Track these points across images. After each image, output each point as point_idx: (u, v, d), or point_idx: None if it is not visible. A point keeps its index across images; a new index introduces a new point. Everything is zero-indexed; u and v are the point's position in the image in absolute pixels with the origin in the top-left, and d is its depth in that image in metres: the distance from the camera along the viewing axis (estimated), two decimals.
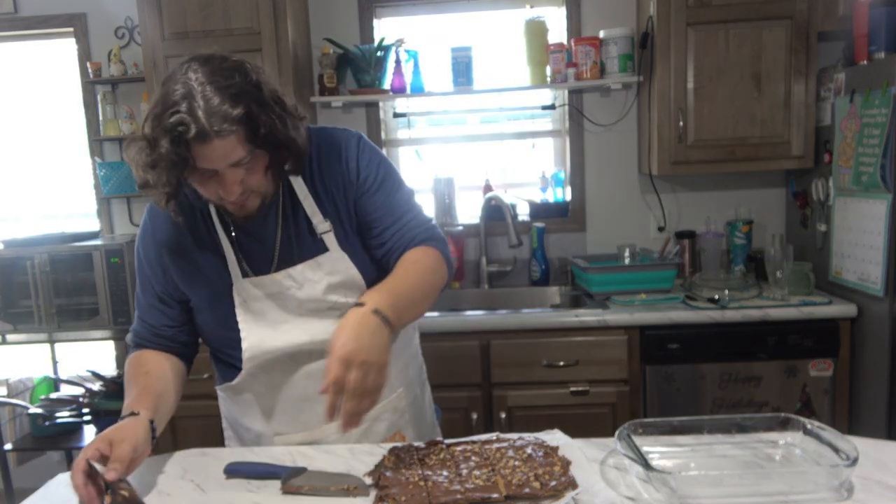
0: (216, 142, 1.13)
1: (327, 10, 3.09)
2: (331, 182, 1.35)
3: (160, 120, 1.13)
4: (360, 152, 1.38)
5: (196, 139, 1.11)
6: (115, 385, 2.90)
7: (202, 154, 1.14)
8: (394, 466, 1.19)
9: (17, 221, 3.42)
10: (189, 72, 1.15)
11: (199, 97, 1.12)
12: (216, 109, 1.11)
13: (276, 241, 1.34)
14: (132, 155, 1.20)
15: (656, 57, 2.72)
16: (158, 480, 1.25)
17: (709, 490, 1.08)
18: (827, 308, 2.47)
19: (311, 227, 1.34)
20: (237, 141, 1.15)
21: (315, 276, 1.33)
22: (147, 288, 1.39)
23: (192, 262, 1.35)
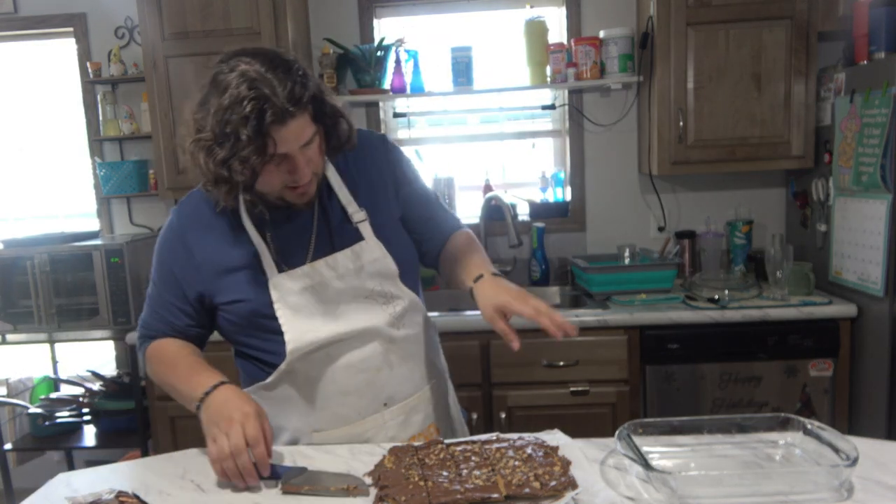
0: (291, 123, 1.17)
1: (327, 10, 3.09)
2: (364, 174, 1.42)
3: (233, 111, 1.14)
4: (393, 150, 1.48)
5: (274, 122, 1.15)
6: (115, 385, 2.91)
7: (281, 137, 1.17)
8: (394, 466, 1.19)
9: (17, 221, 3.42)
10: (241, 65, 1.18)
11: (267, 84, 1.15)
12: (288, 92, 1.16)
13: (313, 232, 1.37)
14: (202, 159, 1.20)
15: (656, 57, 2.72)
16: (158, 480, 1.25)
17: (709, 490, 1.08)
18: (827, 308, 2.47)
19: (347, 216, 1.38)
20: (307, 118, 1.21)
21: (353, 264, 1.36)
22: (171, 289, 1.39)
23: (225, 262, 1.36)
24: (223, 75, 1.18)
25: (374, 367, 1.38)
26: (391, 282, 1.39)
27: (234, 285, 1.35)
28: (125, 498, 1.11)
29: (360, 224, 1.37)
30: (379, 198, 1.42)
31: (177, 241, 1.39)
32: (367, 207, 1.39)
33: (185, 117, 1.25)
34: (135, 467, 1.34)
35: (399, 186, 1.45)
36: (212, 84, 1.20)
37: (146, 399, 2.74)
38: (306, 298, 1.34)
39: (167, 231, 1.42)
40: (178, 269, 1.38)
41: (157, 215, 3.24)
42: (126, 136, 3.08)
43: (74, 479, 1.28)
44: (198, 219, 1.38)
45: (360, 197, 1.40)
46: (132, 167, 3.06)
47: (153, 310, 1.43)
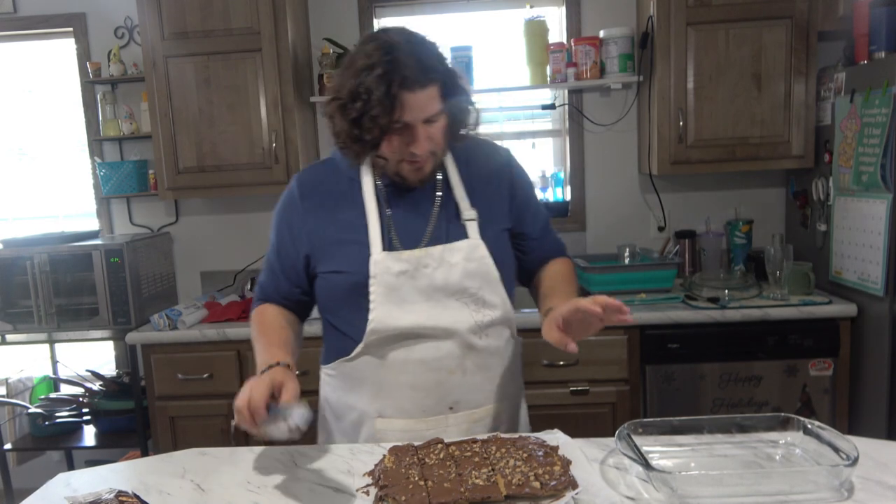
0: (420, 92, 1.23)
1: (327, 10, 3.09)
2: (482, 179, 1.45)
3: (368, 73, 1.22)
4: (516, 166, 1.52)
5: (403, 87, 1.21)
6: (115, 385, 2.91)
7: (408, 103, 1.23)
8: (394, 466, 1.19)
9: (17, 221, 3.42)
10: (382, 36, 1.26)
11: (405, 52, 1.23)
12: (421, 62, 1.23)
13: (431, 218, 1.40)
14: (337, 117, 1.29)
15: (656, 57, 2.72)
16: (158, 480, 1.25)
17: (709, 490, 1.08)
18: (827, 308, 2.47)
19: (458, 212, 1.41)
20: (436, 94, 1.27)
21: (453, 259, 1.37)
22: (286, 256, 1.45)
23: (335, 231, 1.40)
24: (363, 44, 1.27)
25: (448, 368, 1.38)
26: (489, 287, 1.40)
27: (338, 255, 1.39)
28: (125, 498, 1.11)
29: (468, 222, 1.40)
30: (493, 204, 1.45)
31: (293, 206, 1.44)
32: (478, 209, 1.41)
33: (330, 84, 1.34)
34: (135, 467, 1.34)
35: (514, 201, 1.48)
36: (353, 53, 1.29)
37: (146, 399, 2.74)
38: (401, 282, 1.35)
39: (286, 196, 1.47)
40: (290, 234, 1.43)
41: (156, 215, 3.24)
42: (126, 136, 3.08)
43: (74, 479, 1.28)
44: (316, 187, 1.44)
45: (475, 199, 1.42)
46: (132, 167, 3.06)
47: (266, 273, 1.50)
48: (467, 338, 1.38)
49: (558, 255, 1.57)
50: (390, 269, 1.34)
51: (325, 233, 1.40)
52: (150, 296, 2.94)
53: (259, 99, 2.78)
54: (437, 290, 1.36)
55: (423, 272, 1.35)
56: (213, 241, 3.24)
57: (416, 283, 1.35)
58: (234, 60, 2.76)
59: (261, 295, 1.50)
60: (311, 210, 1.42)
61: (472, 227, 1.39)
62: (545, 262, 1.54)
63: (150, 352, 2.67)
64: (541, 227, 1.55)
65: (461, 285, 1.37)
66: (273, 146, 2.79)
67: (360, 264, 1.35)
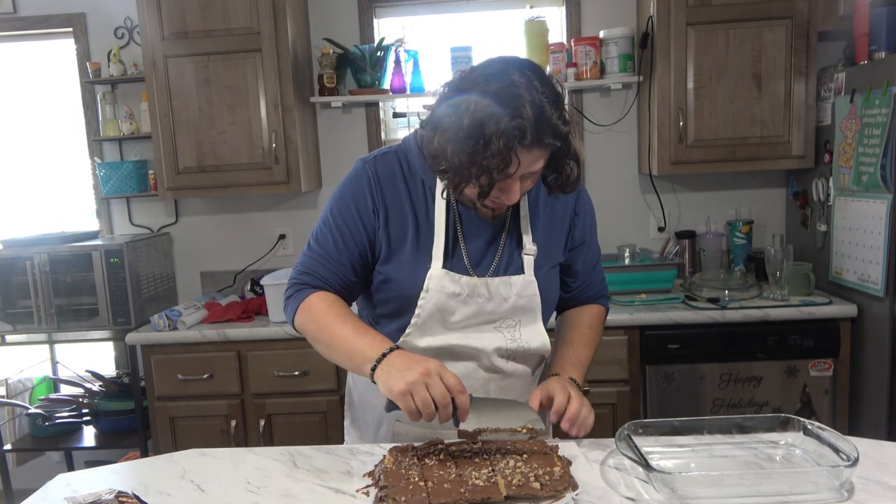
0: (535, 151, 1.17)
1: (327, 10, 3.09)
2: (548, 211, 1.42)
3: (494, 118, 1.13)
4: (583, 201, 1.49)
5: (523, 146, 1.15)
6: (115, 385, 2.91)
7: (523, 161, 1.17)
8: (394, 466, 1.18)
9: (17, 221, 3.41)
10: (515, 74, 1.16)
11: (537, 107, 1.14)
12: (549, 122, 1.16)
13: (498, 246, 1.38)
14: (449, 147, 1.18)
15: (656, 57, 2.72)
16: (158, 480, 1.25)
17: (709, 490, 1.08)
18: (827, 308, 2.47)
19: (521, 244, 1.38)
20: (547, 155, 1.21)
21: (506, 293, 1.35)
22: (352, 237, 1.36)
23: (406, 229, 1.35)
24: (502, 69, 1.17)
25: (471, 388, 1.34)
26: (529, 322, 1.39)
27: (401, 258, 1.35)
28: (125, 498, 1.11)
29: (526, 256, 1.38)
30: (553, 239, 1.42)
31: (369, 193, 1.35)
32: (538, 243, 1.39)
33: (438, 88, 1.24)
34: (135, 468, 1.34)
35: (573, 238, 1.46)
36: (480, 72, 1.19)
37: (146, 399, 2.74)
38: (452, 303, 1.34)
39: (362, 180, 1.37)
40: (364, 219, 1.36)
41: (156, 215, 3.24)
42: (126, 137, 3.08)
43: (74, 480, 1.28)
44: (392, 179, 1.36)
45: (536, 229, 1.40)
46: (132, 167, 3.06)
47: (317, 257, 1.38)
48: (494, 361, 1.38)
49: (597, 299, 1.57)
50: (445, 289, 1.33)
51: (393, 232, 1.35)
52: (150, 296, 2.94)
53: (259, 99, 2.78)
54: (480, 317, 1.36)
55: (475, 299, 1.34)
56: (213, 241, 3.23)
57: (464, 309, 1.34)
58: (234, 60, 2.76)
59: (305, 280, 1.38)
60: (383, 205, 1.35)
61: (528, 263, 1.37)
62: (584, 302, 1.55)
63: (150, 352, 2.67)
64: (590, 265, 1.53)
65: (504, 317, 1.37)
66: (273, 146, 2.79)
67: (418, 276, 1.33)
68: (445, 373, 1.17)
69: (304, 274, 1.38)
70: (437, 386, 1.15)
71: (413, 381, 1.15)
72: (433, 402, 1.15)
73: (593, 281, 1.55)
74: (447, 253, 1.34)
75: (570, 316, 1.54)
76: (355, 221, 1.36)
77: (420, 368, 1.16)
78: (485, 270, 1.36)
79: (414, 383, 1.15)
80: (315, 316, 1.33)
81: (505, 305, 1.36)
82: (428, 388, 1.15)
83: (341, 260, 1.36)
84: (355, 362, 1.26)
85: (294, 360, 2.62)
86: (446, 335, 1.35)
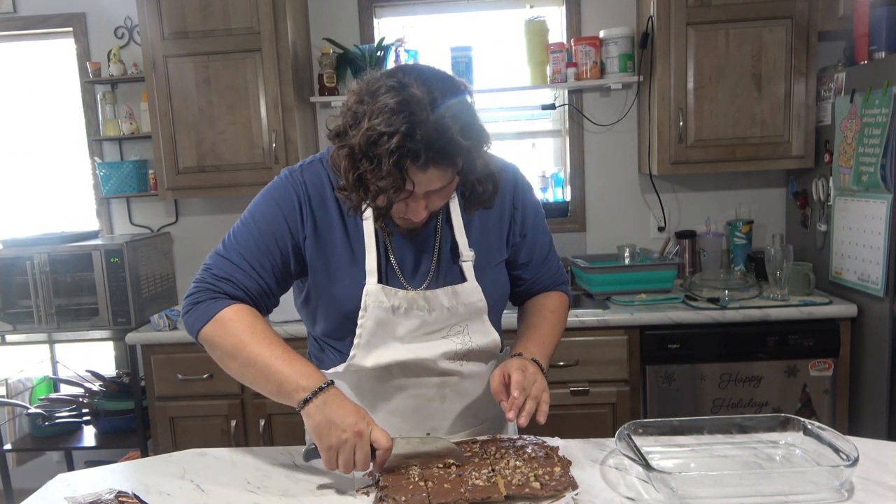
0: (432, 171, 1.11)
1: (327, 10, 3.09)
2: (484, 212, 1.34)
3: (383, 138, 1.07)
4: (523, 190, 1.41)
5: (416, 166, 1.09)
6: (115, 385, 2.91)
7: (418, 180, 1.12)
8: (394, 466, 1.18)
9: (17, 221, 3.41)
10: (412, 88, 1.09)
11: (432, 124, 1.08)
12: (446, 141, 1.08)
13: (432, 256, 1.33)
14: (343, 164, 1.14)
15: (656, 57, 2.72)
16: (158, 480, 1.25)
17: (709, 490, 1.08)
18: (827, 308, 2.47)
19: (457, 251, 1.33)
20: (451, 172, 1.15)
21: (447, 303, 1.31)
22: (274, 244, 1.29)
23: (337, 247, 1.30)
24: (386, 93, 1.10)
25: (426, 396, 1.35)
26: (477, 324, 1.35)
27: (335, 275, 1.30)
28: (125, 498, 1.11)
29: (464, 263, 1.32)
30: (490, 238, 1.37)
31: (297, 200, 1.29)
32: (476, 246, 1.34)
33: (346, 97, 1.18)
34: (134, 467, 1.34)
35: (514, 233, 1.40)
36: (371, 88, 1.13)
37: (146, 399, 2.74)
38: (392, 318, 1.29)
39: (291, 187, 1.30)
40: (293, 226, 1.29)
41: (156, 215, 3.23)
42: (126, 136, 3.08)
43: (74, 480, 1.28)
44: (321, 192, 1.30)
45: (473, 232, 1.34)
46: (132, 167, 3.06)
47: (244, 260, 1.29)
48: (446, 366, 1.34)
49: (556, 287, 1.50)
50: (383, 304, 1.27)
51: (323, 251, 1.30)
52: (149, 296, 2.94)
53: (259, 99, 2.78)
54: (424, 329, 1.31)
55: (415, 312, 1.29)
56: (213, 241, 3.17)
57: (406, 322, 1.30)
58: (234, 60, 2.76)
59: (231, 290, 1.28)
60: (311, 219, 1.30)
61: (468, 269, 1.32)
62: (540, 292, 1.49)
63: (149, 352, 2.67)
64: (541, 255, 1.46)
65: (449, 325, 1.33)
66: (273, 146, 2.79)
67: (355, 293, 1.28)
68: (376, 431, 1.15)
69: (221, 281, 1.28)
70: (364, 450, 1.14)
71: (344, 440, 1.13)
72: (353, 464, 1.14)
73: (547, 272, 1.48)
74: (380, 267, 1.29)
75: (531, 303, 1.49)
76: (281, 226, 1.29)
77: (355, 428, 1.13)
78: (421, 281, 1.31)
79: (343, 442, 1.13)
80: (234, 332, 1.24)
81: (448, 314, 1.31)
82: (355, 449, 1.14)
83: (263, 265, 1.28)
84: (283, 390, 1.19)
85: None
86: (393, 351, 1.30)
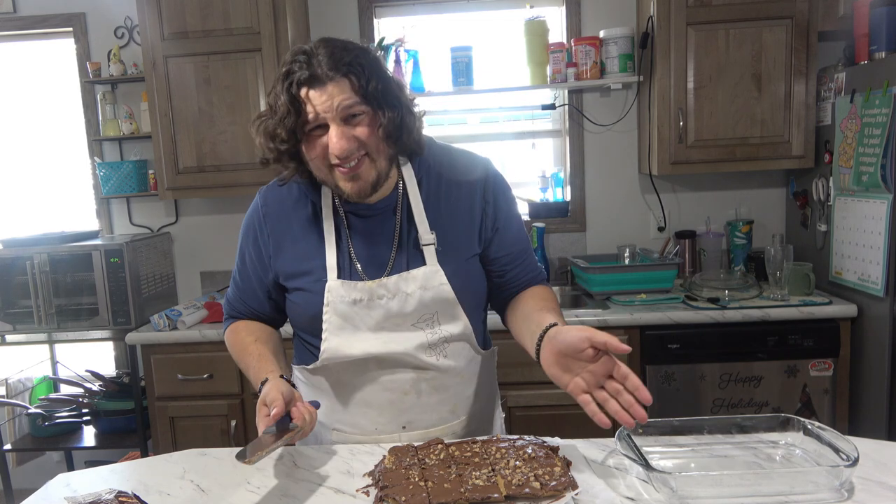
0: (328, 86, 1.18)
1: (327, 10, 3.09)
2: (452, 201, 1.37)
3: (279, 81, 1.20)
4: (493, 185, 1.42)
5: (307, 83, 1.18)
6: (115, 385, 2.91)
7: (315, 99, 1.18)
8: (394, 466, 1.18)
9: (17, 221, 3.41)
10: (304, 45, 1.23)
11: (314, 53, 1.20)
12: (329, 58, 1.19)
13: (392, 245, 1.35)
14: (258, 138, 1.26)
15: (656, 57, 2.72)
16: (158, 480, 1.25)
17: (709, 490, 1.07)
18: (827, 308, 2.47)
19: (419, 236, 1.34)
20: (347, 87, 1.19)
21: (409, 288, 1.32)
22: (252, 270, 1.43)
23: (300, 255, 1.37)
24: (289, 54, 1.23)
25: (402, 390, 1.36)
26: (447, 311, 1.34)
27: (300, 277, 1.36)
28: (125, 498, 1.11)
29: (425, 247, 1.33)
30: (460, 229, 1.36)
31: (258, 226, 1.41)
32: (441, 233, 1.34)
33: None
34: (134, 467, 1.34)
35: (487, 227, 1.39)
36: None
37: (146, 399, 2.74)
38: (355, 311, 1.32)
39: (252, 213, 1.43)
40: (257, 252, 1.41)
41: (156, 215, 3.24)
42: (126, 136, 3.08)
43: (74, 480, 1.28)
44: (279, 208, 1.39)
45: (440, 220, 1.35)
46: (132, 167, 3.06)
47: (235, 290, 1.48)
48: (421, 359, 1.34)
49: (537, 282, 1.46)
50: (344, 298, 1.31)
51: (285, 260, 1.37)
52: (149, 296, 2.94)
53: (259, 99, 2.78)
54: (391, 319, 1.33)
55: (377, 302, 1.31)
56: (213, 241, 3.23)
57: (371, 313, 1.32)
58: (234, 60, 2.76)
59: (231, 312, 1.50)
60: (273, 234, 1.38)
61: (429, 253, 1.32)
62: (522, 289, 1.44)
63: (150, 352, 2.67)
64: (518, 250, 1.43)
65: (417, 314, 1.33)
66: None
67: (316, 293, 1.33)
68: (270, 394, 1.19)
69: (228, 305, 1.51)
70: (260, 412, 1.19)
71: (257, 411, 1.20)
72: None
73: (528, 266, 1.45)
74: (341, 264, 1.34)
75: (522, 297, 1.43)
76: (255, 253, 1.42)
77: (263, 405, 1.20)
78: (381, 272, 1.34)
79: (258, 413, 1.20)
80: (230, 348, 1.46)
81: (412, 301, 1.31)
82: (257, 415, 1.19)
83: (255, 293, 1.44)
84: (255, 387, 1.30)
85: None
86: (365, 343, 1.33)
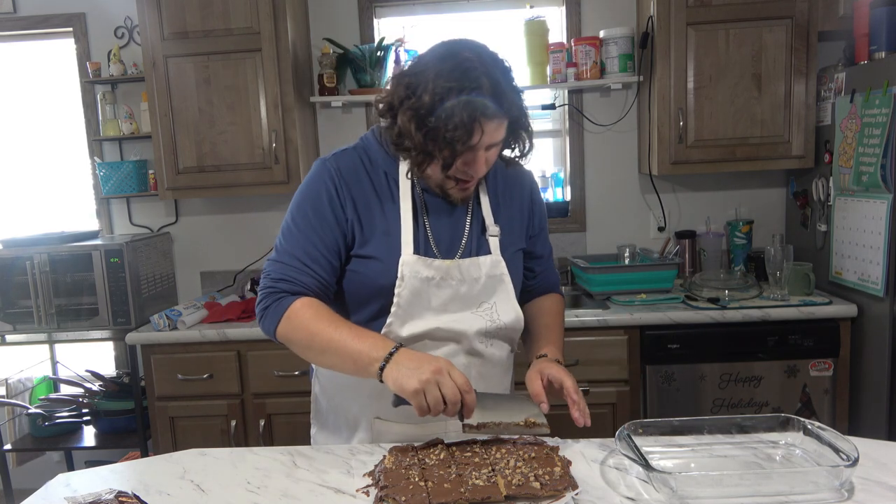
0: (500, 123, 1.26)
1: (327, 10, 3.09)
2: (508, 199, 1.48)
3: (453, 94, 1.22)
4: (538, 191, 1.57)
5: (486, 115, 1.23)
6: (115, 385, 2.91)
7: (488, 131, 1.25)
8: (394, 466, 1.18)
9: (17, 221, 3.41)
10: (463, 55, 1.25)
11: (493, 80, 1.24)
12: (505, 93, 1.25)
13: (464, 229, 1.41)
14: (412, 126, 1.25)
15: (656, 57, 2.72)
16: (158, 480, 1.25)
17: (709, 490, 1.08)
18: (827, 308, 2.47)
19: (484, 226, 1.43)
20: (506, 126, 1.29)
21: (476, 273, 1.39)
22: (325, 238, 1.35)
23: (374, 221, 1.37)
24: (441, 60, 1.25)
25: None
26: (504, 301, 1.42)
27: (375, 247, 1.36)
28: (125, 498, 1.11)
29: (491, 238, 1.42)
30: (514, 223, 1.48)
31: (336, 188, 1.37)
32: (501, 226, 1.44)
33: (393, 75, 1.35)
34: (134, 467, 1.34)
35: (531, 222, 1.52)
36: (423, 62, 1.28)
37: (146, 399, 2.74)
38: (427, 288, 1.35)
39: (325, 177, 1.38)
40: (335, 216, 1.36)
41: (156, 215, 3.24)
42: (126, 136, 3.08)
43: (74, 480, 1.28)
44: (355, 174, 1.39)
45: (498, 215, 1.45)
46: (132, 167, 3.06)
47: (298, 259, 1.35)
48: (475, 344, 1.39)
49: (554, 290, 1.64)
50: (419, 274, 1.34)
51: (365, 225, 1.36)
52: (150, 296, 2.94)
53: (259, 99, 2.78)
54: (457, 301, 1.38)
55: (448, 282, 1.37)
56: (213, 241, 3.23)
57: (439, 293, 1.36)
58: (234, 60, 2.76)
59: (291, 288, 1.34)
60: (351, 198, 1.37)
61: (494, 243, 1.42)
62: (542, 293, 1.61)
63: (150, 352, 2.67)
64: (548, 254, 1.61)
65: (480, 298, 1.40)
66: (273, 146, 2.79)
67: (390, 265, 1.34)
68: (454, 371, 1.20)
69: (279, 282, 1.34)
70: (448, 385, 1.18)
71: (426, 379, 1.17)
72: (443, 400, 1.18)
73: (550, 272, 1.62)
74: (416, 240, 1.36)
75: (537, 305, 1.59)
76: (326, 217, 1.36)
77: (432, 367, 1.19)
78: (454, 254, 1.39)
79: (427, 382, 1.17)
80: (304, 324, 1.30)
81: (477, 286, 1.39)
82: (440, 387, 1.18)
83: (318, 260, 1.35)
84: (359, 365, 1.25)
85: (294, 360, 2.61)
86: (427, 321, 1.36)
